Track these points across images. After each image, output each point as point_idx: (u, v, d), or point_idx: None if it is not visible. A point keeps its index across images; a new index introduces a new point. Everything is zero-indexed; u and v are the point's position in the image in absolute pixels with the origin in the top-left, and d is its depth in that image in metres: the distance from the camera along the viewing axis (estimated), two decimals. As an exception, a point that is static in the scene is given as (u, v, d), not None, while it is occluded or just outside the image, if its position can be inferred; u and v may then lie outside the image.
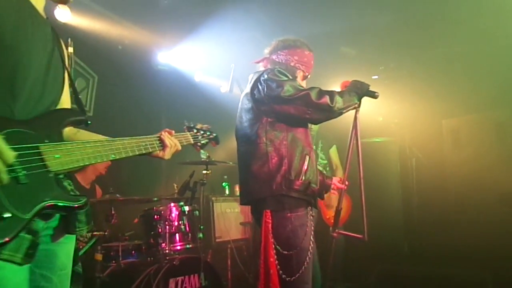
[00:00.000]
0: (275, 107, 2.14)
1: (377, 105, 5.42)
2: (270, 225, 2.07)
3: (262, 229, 2.09)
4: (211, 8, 4.27)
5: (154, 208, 3.24)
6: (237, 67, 3.83)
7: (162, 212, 3.15)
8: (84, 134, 1.52)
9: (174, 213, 3.20)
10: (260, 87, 2.18)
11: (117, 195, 2.93)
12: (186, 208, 3.28)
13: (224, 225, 4.89)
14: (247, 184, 2.25)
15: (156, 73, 4.86)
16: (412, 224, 4.84)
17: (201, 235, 3.36)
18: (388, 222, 4.94)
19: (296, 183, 2.08)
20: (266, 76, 2.17)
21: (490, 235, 3.86)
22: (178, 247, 3.15)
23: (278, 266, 2.04)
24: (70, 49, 2.64)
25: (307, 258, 2.07)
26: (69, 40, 2.63)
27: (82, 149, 1.27)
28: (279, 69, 2.23)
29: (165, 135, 1.57)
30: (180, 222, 3.20)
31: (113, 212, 2.87)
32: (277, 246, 2.05)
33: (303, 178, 2.10)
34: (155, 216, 3.15)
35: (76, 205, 1.22)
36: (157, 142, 1.54)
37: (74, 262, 1.36)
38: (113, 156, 1.36)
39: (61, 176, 1.25)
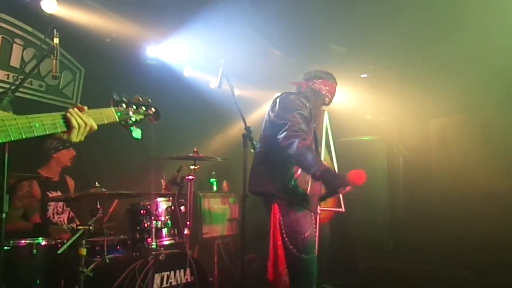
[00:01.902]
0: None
1: (366, 104, 5.49)
2: (278, 216, 2.66)
3: (271, 219, 2.67)
4: (201, 2, 4.23)
5: (141, 203, 3.21)
6: (227, 62, 3.81)
7: (149, 207, 3.13)
8: None
9: (161, 208, 3.18)
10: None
11: (103, 189, 2.89)
12: (173, 204, 3.26)
13: (211, 221, 4.87)
14: (259, 177, 2.78)
15: (144, 67, 4.80)
16: (398, 221, 4.89)
17: (187, 230, 3.34)
18: (375, 219, 4.98)
19: (289, 186, 2.65)
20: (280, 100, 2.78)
21: (475, 232, 3.92)
22: (164, 242, 3.13)
23: (288, 243, 2.61)
24: (56, 40, 2.60)
25: (314, 243, 2.65)
26: (55, 30, 2.59)
27: None
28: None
29: (72, 113, 1.35)
30: (166, 217, 3.17)
31: (98, 206, 2.83)
32: (285, 231, 2.62)
33: (293, 183, 2.65)
34: (142, 211, 3.12)
35: None
36: (61, 121, 1.32)
37: None
38: None
39: None
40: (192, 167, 3.64)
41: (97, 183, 2.94)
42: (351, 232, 4.51)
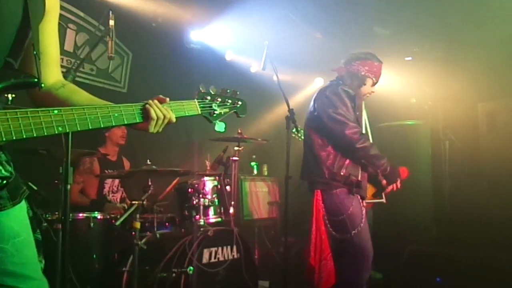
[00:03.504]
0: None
1: (410, 87, 5.35)
2: (320, 201, 2.74)
3: (314, 204, 2.74)
4: (244, -15, 4.25)
5: (188, 181, 3.31)
6: (270, 45, 3.82)
7: (196, 185, 3.22)
8: (68, 91, 1.32)
9: (208, 187, 3.27)
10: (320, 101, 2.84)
11: (154, 166, 3.00)
12: (219, 183, 3.34)
13: (252, 204, 4.95)
14: (308, 166, 2.90)
15: (188, 51, 4.90)
16: (443, 209, 4.77)
17: (232, 209, 3.41)
18: (418, 207, 4.89)
19: (340, 174, 2.74)
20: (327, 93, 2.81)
21: (526, 220, 3.78)
22: (211, 220, 3.22)
23: (331, 229, 2.71)
24: (111, 22, 2.70)
25: (360, 222, 2.69)
26: (110, 12, 2.68)
27: (13, 120, 1.06)
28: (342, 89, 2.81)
29: (152, 104, 1.33)
30: (213, 196, 3.26)
31: (149, 183, 2.94)
32: (328, 216, 2.72)
33: (344, 171, 2.73)
34: (189, 190, 3.22)
35: None
36: (139, 112, 1.31)
37: (33, 229, 1.26)
38: (60, 129, 1.14)
39: None
40: (236, 148, 3.70)
41: (148, 161, 3.06)
42: (394, 220, 4.45)
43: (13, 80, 1.12)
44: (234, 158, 3.67)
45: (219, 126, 1.61)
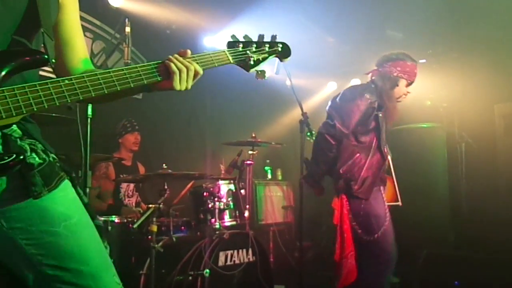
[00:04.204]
0: None
1: (425, 89, 5.31)
2: (345, 199, 2.73)
3: (338, 202, 2.75)
4: (256, -9, 4.30)
5: (204, 185, 3.34)
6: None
7: (211, 189, 3.24)
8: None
9: (223, 190, 3.29)
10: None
11: (169, 170, 3.04)
12: (234, 186, 3.36)
13: (267, 208, 4.96)
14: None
15: (201, 57, 4.95)
16: (460, 213, 4.71)
17: (247, 213, 3.43)
18: (434, 210, 4.83)
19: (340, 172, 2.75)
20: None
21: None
22: (227, 223, 3.24)
23: (358, 229, 2.69)
24: (128, 29, 2.76)
25: (385, 222, 2.70)
26: (127, 20, 2.75)
27: (21, 95, 1.03)
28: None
29: (172, 58, 1.24)
30: (228, 200, 3.28)
31: (165, 187, 2.98)
32: (352, 214, 2.71)
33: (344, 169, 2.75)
34: (205, 193, 3.25)
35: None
36: (154, 69, 1.23)
37: (91, 216, 1.24)
38: (73, 97, 1.09)
39: None
40: (250, 152, 3.72)
41: (164, 165, 3.10)
42: (410, 223, 4.41)
43: (23, 58, 1.09)
44: (248, 162, 3.69)
45: (260, 74, 1.48)
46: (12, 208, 1.11)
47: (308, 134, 3.23)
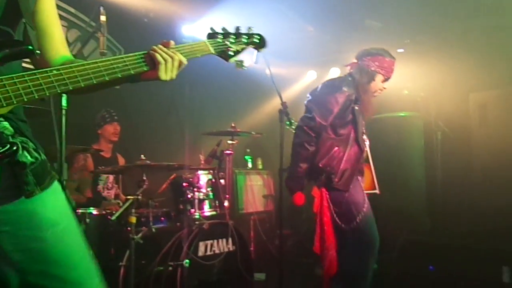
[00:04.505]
0: None
1: (402, 79, 5.37)
2: (325, 193, 2.76)
3: (318, 194, 2.79)
4: (236, -21, 4.25)
5: (183, 176, 3.33)
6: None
7: (191, 179, 3.24)
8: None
9: (202, 180, 3.29)
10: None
11: (147, 161, 3.01)
12: (213, 176, 3.36)
13: (247, 197, 4.98)
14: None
15: (180, 46, 4.88)
16: (436, 199, 4.83)
17: (227, 203, 3.44)
18: (411, 197, 4.94)
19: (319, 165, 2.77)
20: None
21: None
22: (206, 213, 3.24)
23: (338, 220, 2.73)
24: (103, 18, 2.69)
25: (363, 209, 2.74)
26: (101, 8, 2.68)
27: (10, 86, 1.02)
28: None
29: (156, 48, 1.26)
30: (208, 190, 3.28)
31: (144, 177, 2.95)
32: (333, 206, 2.74)
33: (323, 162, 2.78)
34: (184, 184, 3.24)
35: None
36: (141, 59, 1.24)
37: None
38: (62, 87, 1.09)
39: None
40: (230, 142, 3.71)
41: (142, 155, 3.06)
42: (387, 209, 4.50)
43: (8, 49, 1.08)
44: (228, 151, 3.68)
45: (239, 64, 1.56)
46: (1, 210, 1.10)
47: (288, 123, 3.24)
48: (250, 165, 5.35)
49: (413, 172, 5.06)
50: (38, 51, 1.18)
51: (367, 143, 3.26)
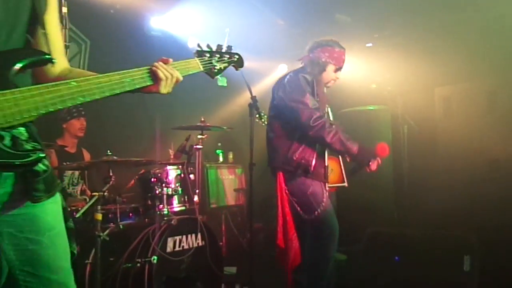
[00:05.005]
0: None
1: (371, 73, 5.48)
2: (283, 183, 2.82)
3: (278, 187, 2.84)
4: (205, -30, 4.19)
5: (151, 171, 3.28)
6: (232, 32, 3.78)
7: (159, 174, 3.19)
8: (77, 74, 1.37)
9: (171, 176, 3.25)
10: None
11: (114, 157, 2.95)
12: (182, 171, 3.32)
13: (218, 191, 4.97)
14: (271, 152, 3.00)
15: (149, 38, 4.79)
16: (402, 190, 4.95)
17: (196, 198, 3.41)
18: (379, 188, 5.05)
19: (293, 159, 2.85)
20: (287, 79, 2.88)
21: (478, 198, 3.99)
22: (175, 209, 3.22)
23: (297, 207, 2.79)
24: (64, 9, 2.60)
25: (323, 198, 2.79)
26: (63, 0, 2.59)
27: (37, 96, 1.10)
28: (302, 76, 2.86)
29: (158, 66, 1.38)
30: (177, 185, 3.24)
31: (110, 173, 2.89)
32: (291, 196, 2.81)
33: (297, 156, 2.82)
34: (152, 179, 3.19)
35: (18, 163, 1.08)
36: (147, 75, 1.36)
37: (66, 219, 1.34)
38: (81, 99, 1.19)
39: (6, 129, 1.09)
40: (199, 136, 3.68)
41: (108, 151, 3.00)
42: (356, 202, 4.59)
43: (31, 57, 1.18)
44: (197, 146, 3.65)
45: (221, 81, 1.72)
46: (9, 213, 1.18)
47: (258, 116, 3.25)
48: (221, 159, 5.33)
49: (381, 165, 5.16)
50: (55, 60, 1.25)
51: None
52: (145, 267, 2.70)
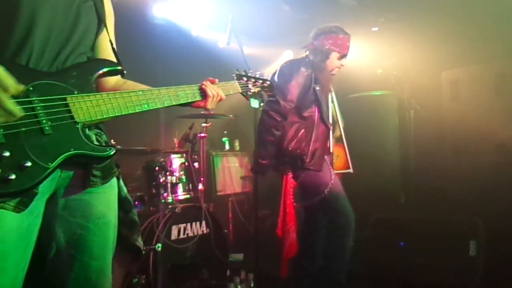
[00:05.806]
0: None
1: (377, 58, 5.40)
2: (289, 177, 2.84)
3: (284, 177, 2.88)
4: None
5: (155, 160, 3.30)
6: (235, 19, 3.75)
7: (164, 163, 3.21)
8: (131, 85, 1.54)
9: (175, 164, 3.27)
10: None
11: (119, 146, 2.97)
12: (186, 160, 3.34)
13: (225, 179, 4.99)
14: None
15: (152, 27, 4.77)
16: (409, 175, 4.93)
17: (201, 186, 3.43)
18: (386, 173, 5.04)
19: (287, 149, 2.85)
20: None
21: (485, 182, 3.95)
22: (180, 197, 3.24)
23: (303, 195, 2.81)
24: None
25: (330, 179, 2.82)
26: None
27: (113, 100, 1.27)
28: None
29: (207, 85, 1.54)
30: (181, 173, 3.27)
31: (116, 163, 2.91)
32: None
33: (292, 145, 2.82)
34: (157, 167, 3.22)
35: (103, 155, 1.22)
36: (197, 91, 1.52)
37: (126, 210, 1.45)
38: (146, 106, 1.35)
39: (89, 127, 1.26)
40: (203, 124, 3.68)
41: (112, 140, 3.01)
42: (362, 188, 4.58)
43: (109, 67, 1.34)
44: (201, 134, 3.66)
45: (254, 103, 2.08)
46: (68, 198, 1.26)
47: (262, 104, 3.24)
48: (227, 147, 5.34)
49: (387, 150, 5.14)
50: (125, 71, 1.42)
51: (341, 124, 3.31)
52: (150, 254, 2.73)
